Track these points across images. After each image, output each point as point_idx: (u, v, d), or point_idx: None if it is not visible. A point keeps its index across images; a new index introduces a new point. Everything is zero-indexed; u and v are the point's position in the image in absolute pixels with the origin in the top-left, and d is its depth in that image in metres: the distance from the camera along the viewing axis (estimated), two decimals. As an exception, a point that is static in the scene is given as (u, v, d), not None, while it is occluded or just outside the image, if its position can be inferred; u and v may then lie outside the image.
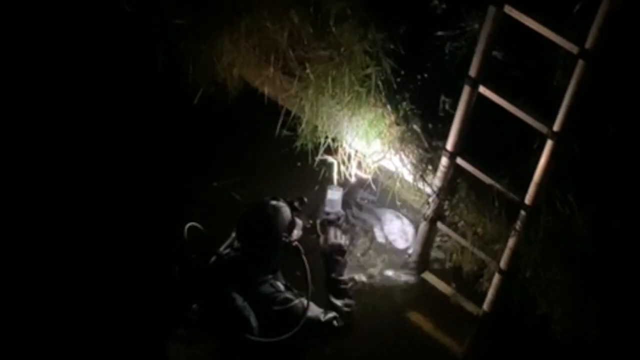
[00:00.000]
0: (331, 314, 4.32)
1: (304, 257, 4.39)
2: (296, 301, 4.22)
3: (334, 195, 4.76)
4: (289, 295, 4.25)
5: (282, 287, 4.28)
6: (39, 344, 4.69)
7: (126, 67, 5.54)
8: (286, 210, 4.33)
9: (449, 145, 4.55)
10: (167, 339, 4.23)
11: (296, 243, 4.41)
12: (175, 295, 4.26)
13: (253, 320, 4.13)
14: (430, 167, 4.79)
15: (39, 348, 4.68)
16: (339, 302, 4.37)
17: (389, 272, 5.07)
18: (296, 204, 4.46)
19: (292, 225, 4.35)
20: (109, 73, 5.57)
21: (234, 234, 4.35)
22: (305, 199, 4.55)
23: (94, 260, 4.95)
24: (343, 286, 4.42)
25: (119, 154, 5.40)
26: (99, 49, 5.54)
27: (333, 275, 4.42)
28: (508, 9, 4.10)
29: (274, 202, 4.30)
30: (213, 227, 4.36)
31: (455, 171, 4.63)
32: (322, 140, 5.06)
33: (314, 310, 4.27)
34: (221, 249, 4.34)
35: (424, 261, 5.04)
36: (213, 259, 4.31)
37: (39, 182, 5.27)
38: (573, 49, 3.97)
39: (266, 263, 4.29)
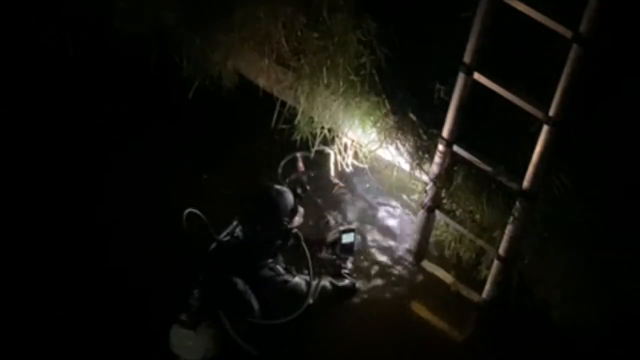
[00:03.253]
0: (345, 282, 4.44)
1: (304, 244, 4.42)
2: (294, 282, 4.26)
3: (349, 238, 4.74)
4: (288, 277, 4.30)
5: (282, 271, 4.32)
6: (42, 331, 4.70)
7: (120, 62, 5.52)
8: (289, 196, 4.37)
9: (445, 132, 4.54)
10: (170, 324, 4.25)
11: (296, 230, 4.44)
12: (177, 281, 4.27)
13: (255, 304, 4.17)
14: (426, 156, 4.79)
15: (41, 336, 4.69)
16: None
17: (388, 262, 5.07)
18: (299, 191, 4.51)
19: (294, 211, 4.39)
20: (103, 67, 5.56)
21: (235, 222, 4.38)
22: (308, 187, 4.59)
23: (94, 250, 4.96)
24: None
25: (115, 148, 5.40)
26: (92, 44, 5.52)
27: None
28: (501, -5, 4.10)
29: (277, 187, 4.35)
30: (210, 219, 4.37)
31: (452, 159, 4.63)
32: (318, 130, 5.07)
33: (326, 283, 4.35)
34: (221, 236, 4.37)
35: (422, 250, 5.04)
36: (214, 244, 4.34)
37: (35, 177, 5.26)
38: (567, 33, 3.97)
39: (266, 247, 4.33)
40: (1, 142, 5.38)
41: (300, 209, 4.47)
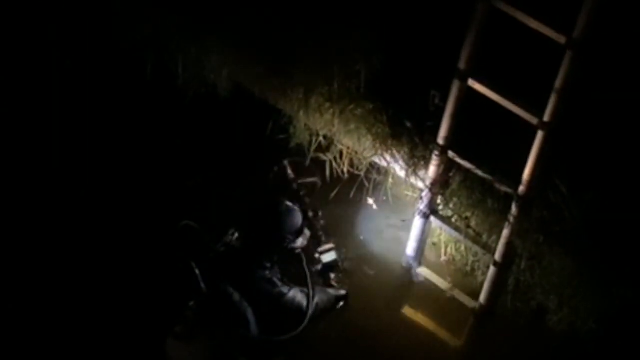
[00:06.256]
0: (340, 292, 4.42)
1: (305, 266, 4.43)
2: (290, 295, 4.27)
3: (329, 257, 4.76)
4: (284, 290, 4.30)
5: (278, 283, 4.33)
6: (38, 343, 4.70)
7: (116, 70, 5.53)
8: (298, 215, 4.39)
9: (440, 139, 4.55)
10: (165, 336, 4.24)
11: (299, 251, 4.45)
12: (172, 293, 4.27)
13: (250, 316, 4.17)
14: (422, 162, 4.80)
15: (37, 347, 4.69)
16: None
17: (384, 268, 5.07)
18: (310, 214, 4.52)
19: (299, 231, 4.40)
20: (99, 76, 5.57)
21: (231, 232, 4.39)
22: (320, 213, 4.61)
23: (90, 259, 4.96)
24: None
25: (111, 155, 5.40)
26: (89, 52, 5.53)
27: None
28: (495, 2, 4.11)
29: (288, 203, 4.36)
30: (205, 226, 4.38)
31: (447, 165, 4.64)
32: (314, 138, 5.07)
33: (321, 294, 4.35)
34: (218, 245, 4.37)
35: (419, 256, 5.04)
36: (209, 256, 4.34)
37: (33, 183, 5.27)
38: (560, 39, 3.98)
39: (264, 259, 4.33)
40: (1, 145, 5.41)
41: (307, 232, 4.49)
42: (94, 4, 5.42)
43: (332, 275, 4.73)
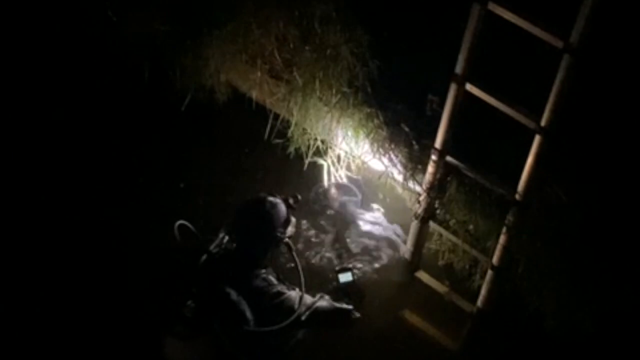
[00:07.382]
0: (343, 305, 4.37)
1: (295, 254, 4.43)
2: (288, 293, 4.27)
3: (346, 277, 4.75)
4: (281, 288, 4.29)
5: (275, 281, 4.32)
6: (36, 341, 4.70)
7: (113, 76, 5.54)
8: (282, 207, 4.37)
9: (438, 143, 4.56)
10: (163, 335, 4.24)
11: (287, 240, 4.44)
12: (170, 292, 4.27)
13: (248, 314, 4.17)
14: (419, 166, 4.80)
15: (36, 346, 4.69)
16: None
17: (383, 272, 5.08)
18: (291, 201, 4.51)
19: (287, 221, 4.39)
20: (97, 82, 5.57)
21: (222, 234, 4.39)
22: (299, 197, 4.60)
23: (88, 260, 4.96)
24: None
25: (110, 160, 5.40)
26: (86, 58, 5.54)
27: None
28: (492, 6, 4.12)
29: (270, 198, 4.35)
30: (200, 228, 4.38)
31: (445, 169, 4.64)
32: (312, 142, 5.08)
33: (324, 302, 4.33)
34: (211, 247, 4.37)
35: (416, 260, 5.05)
36: (204, 256, 4.34)
37: (32, 186, 5.27)
38: (558, 43, 3.99)
39: (259, 258, 4.33)
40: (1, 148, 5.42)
41: (293, 219, 4.48)
42: (93, 9, 5.43)
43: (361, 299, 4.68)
